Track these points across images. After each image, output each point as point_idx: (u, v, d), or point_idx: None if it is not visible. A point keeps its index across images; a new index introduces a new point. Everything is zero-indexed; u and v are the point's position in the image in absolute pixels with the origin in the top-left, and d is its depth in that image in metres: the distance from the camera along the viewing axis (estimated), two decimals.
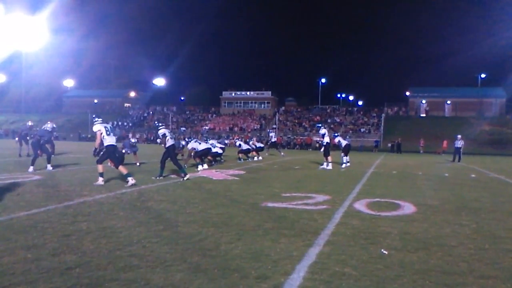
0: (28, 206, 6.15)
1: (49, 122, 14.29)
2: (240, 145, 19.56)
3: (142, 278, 3.34)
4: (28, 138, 16.57)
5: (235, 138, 34.51)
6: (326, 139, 15.49)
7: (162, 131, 10.89)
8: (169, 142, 10.64)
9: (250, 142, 21.02)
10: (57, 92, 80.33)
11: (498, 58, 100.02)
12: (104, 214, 5.75)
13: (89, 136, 54.82)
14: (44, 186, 8.33)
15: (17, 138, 18.14)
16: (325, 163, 15.30)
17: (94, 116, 9.60)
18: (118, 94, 77.44)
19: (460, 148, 22.67)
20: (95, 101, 73.89)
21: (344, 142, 16.65)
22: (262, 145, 22.75)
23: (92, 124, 9.51)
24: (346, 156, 16.53)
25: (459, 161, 22.27)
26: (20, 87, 74.42)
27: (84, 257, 3.81)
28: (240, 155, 18.94)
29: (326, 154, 15.30)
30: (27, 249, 3.99)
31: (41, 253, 3.89)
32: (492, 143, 42.76)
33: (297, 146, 45.77)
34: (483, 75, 66.99)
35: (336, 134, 17.96)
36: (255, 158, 19.67)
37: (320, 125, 19.30)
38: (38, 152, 12.18)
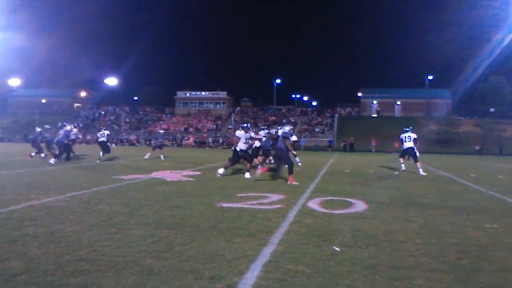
0: None
1: None
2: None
3: (93, 283, 3.25)
4: None
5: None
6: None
7: None
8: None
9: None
10: (2, 92, 76.54)
11: (445, 61, 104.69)
12: (53, 218, 5.54)
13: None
14: None
15: None
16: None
17: None
18: (67, 94, 74.73)
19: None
20: (43, 101, 71.06)
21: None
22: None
23: (40, 125, 9.18)
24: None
25: (408, 160, 23.08)
26: None
27: (31, 263, 3.66)
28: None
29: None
30: None
31: None
32: (439, 142, 44.75)
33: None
34: (430, 77, 70.14)
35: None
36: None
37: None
38: None
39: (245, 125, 12.21)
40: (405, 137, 14.59)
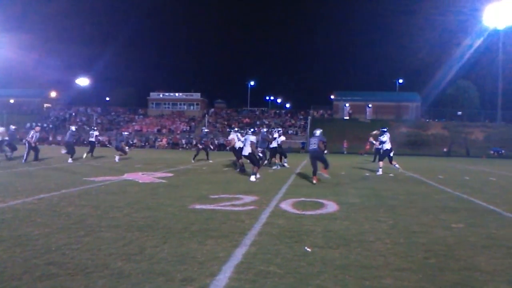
0: None
1: None
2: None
3: (61, 287, 3.19)
4: None
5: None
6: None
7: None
8: None
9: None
10: None
11: (415, 65, 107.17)
12: (19, 221, 5.40)
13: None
14: None
15: None
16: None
17: None
18: (37, 94, 72.85)
19: (379, 149, 23.71)
20: (11, 101, 69.09)
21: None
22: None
23: (6, 125, 8.99)
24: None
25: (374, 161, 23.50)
26: None
27: None
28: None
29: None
30: None
31: None
32: (409, 144, 45.60)
33: (227, 148, 45.83)
34: (400, 81, 71.60)
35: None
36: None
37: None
38: None
39: (252, 130, 12.89)
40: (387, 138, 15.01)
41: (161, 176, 12.03)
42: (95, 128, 22.75)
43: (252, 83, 78.42)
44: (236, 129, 16.92)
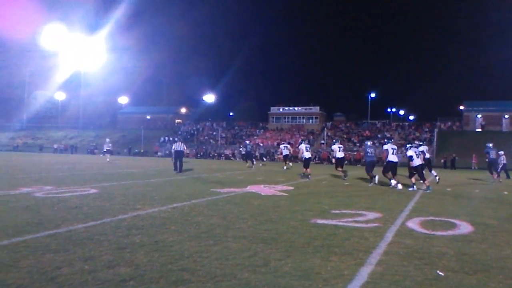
0: (85, 219, 6.41)
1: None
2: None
3: None
4: None
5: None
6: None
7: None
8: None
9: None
10: (113, 109, 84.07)
11: None
12: (157, 228, 5.89)
13: (141, 151, 56.62)
14: (100, 200, 8.67)
15: None
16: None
17: None
18: (169, 110, 79.90)
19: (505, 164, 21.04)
20: (148, 117, 76.49)
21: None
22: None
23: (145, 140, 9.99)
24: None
25: (508, 177, 21.06)
26: (78, 105, 78.53)
27: (138, 270, 3.91)
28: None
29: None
30: (84, 261, 4.15)
31: (97, 265, 4.03)
32: None
33: (346, 162, 45.04)
34: None
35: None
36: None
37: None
38: None
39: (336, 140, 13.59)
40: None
41: (282, 189, 12.21)
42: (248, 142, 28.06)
43: (372, 95, 76.22)
44: (306, 140, 17.49)
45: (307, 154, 17.07)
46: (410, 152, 13.68)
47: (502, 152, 19.93)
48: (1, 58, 72.78)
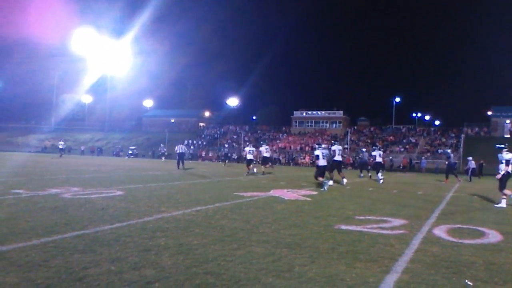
0: (111, 220, 6.52)
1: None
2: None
3: None
4: None
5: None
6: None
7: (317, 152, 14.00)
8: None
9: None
10: (138, 112, 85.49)
11: None
12: (181, 231, 5.94)
13: (165, 153, 57.14)
14: (125, 202, 8.80)
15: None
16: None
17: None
18: (193, 114, 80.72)
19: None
20: (172, 120, 77.38)
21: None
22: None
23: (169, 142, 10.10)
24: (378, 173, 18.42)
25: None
26: (104, 108, 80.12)
27: (163, 272, 3.95)
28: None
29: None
30: (111, 262, 4.22)
31: (124, 266, 4.08)
32: None
33: (369, 167, 44.54)
34: None
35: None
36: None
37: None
38: None
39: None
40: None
41: (305, 194, 12.15)
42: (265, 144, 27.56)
43: (397, 99, 75.26)
44: (322, 145, 15.62)
45: (322, 162, 14.47)
46: (317, 152, 14.34)
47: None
48: (32, 63, 74.95)
